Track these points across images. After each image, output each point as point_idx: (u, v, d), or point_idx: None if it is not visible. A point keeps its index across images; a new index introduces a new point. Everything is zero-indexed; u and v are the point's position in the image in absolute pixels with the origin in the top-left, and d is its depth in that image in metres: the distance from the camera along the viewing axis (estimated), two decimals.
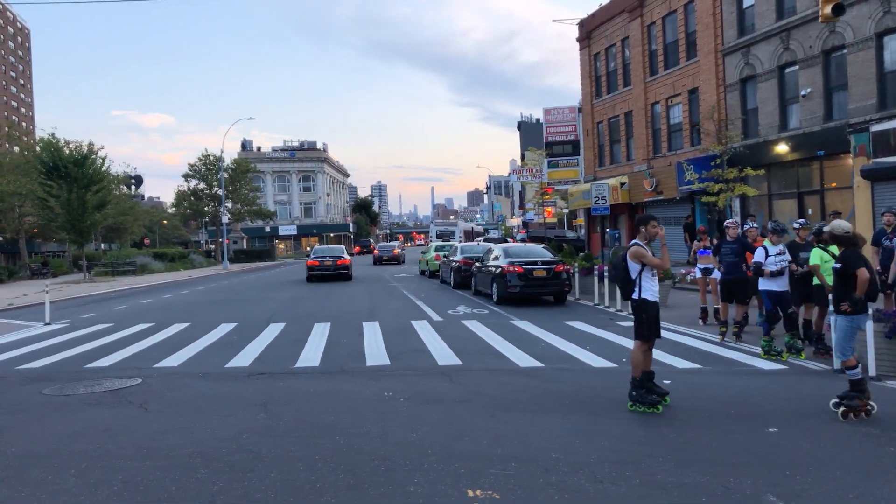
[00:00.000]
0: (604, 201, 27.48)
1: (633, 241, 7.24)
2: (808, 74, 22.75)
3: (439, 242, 36.39)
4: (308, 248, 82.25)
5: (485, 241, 35.34)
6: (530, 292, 16.84)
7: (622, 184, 32.01)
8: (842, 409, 6.48)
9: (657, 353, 9.94)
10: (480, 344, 11.47)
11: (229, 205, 56.03)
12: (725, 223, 11.54)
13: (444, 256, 26.18)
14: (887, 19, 19.87)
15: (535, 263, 16.81)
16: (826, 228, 6.87)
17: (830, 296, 8.80)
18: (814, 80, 22.55)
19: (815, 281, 9.66)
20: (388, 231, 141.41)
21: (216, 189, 56.04)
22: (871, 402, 6.47)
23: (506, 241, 29.74)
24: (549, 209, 50.58)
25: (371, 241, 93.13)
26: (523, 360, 9.93)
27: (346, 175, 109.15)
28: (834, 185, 22.19)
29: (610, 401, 7.30)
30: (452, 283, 23.22)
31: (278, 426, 6.69)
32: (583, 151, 37.92)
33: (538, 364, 9.60)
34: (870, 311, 6.74)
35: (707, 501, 4.44)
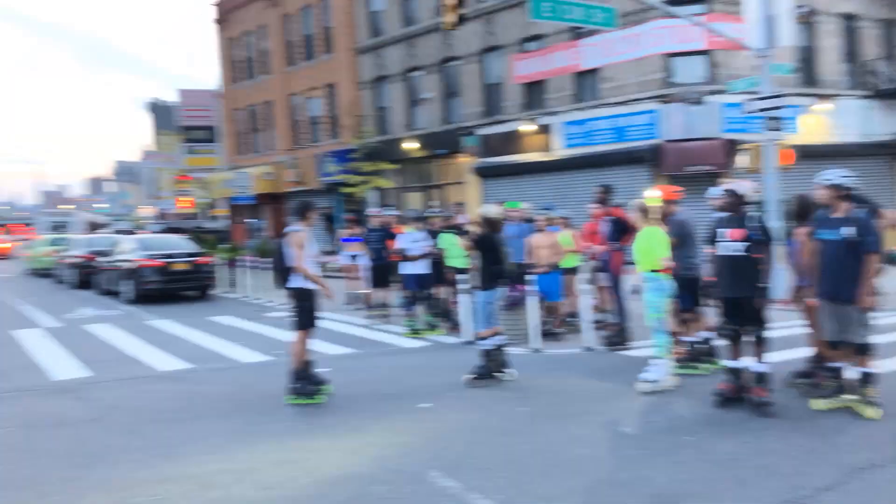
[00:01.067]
0: (246, 190, 26.68)
1: (293, 227, 6.98)
2: (430, 80, 25.36)
3: (53, 235, 31.04)
4: None
5: (116, 232, 31.25)
6: (171, 288, 15.37)
7: (265, 173, 31.54)
8: (470, 375, 7.20)
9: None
10: (113, 350, 9.97)
11: None
12: (368, 212, 12.06)
13: (60, 251, 22.37)
14: (490, 38, 23.22)
15: (174, 256, 15.39)
16: (479, 211, 7.59)
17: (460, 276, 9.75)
18: (434, 85, 25.23)
19: (448, 263, 10.67)
20: None
21: None
22: (509, 371, 7.32)
23: (133, 233, 26.76)
24: (187, 198, 47.29)
25: None
26: (167, 363, 8.90)
27: None
28: (452, 180, 25.19)
29: (269, 397, 6.94)
30: (73, 282, 19.97)
31: None
32: (223, 138, 36.29)
33: (186, 366, 8.71)
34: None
35: (377, 490, 4.43)
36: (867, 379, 5.78)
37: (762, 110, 13.44)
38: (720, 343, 6.61)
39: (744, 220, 6.07)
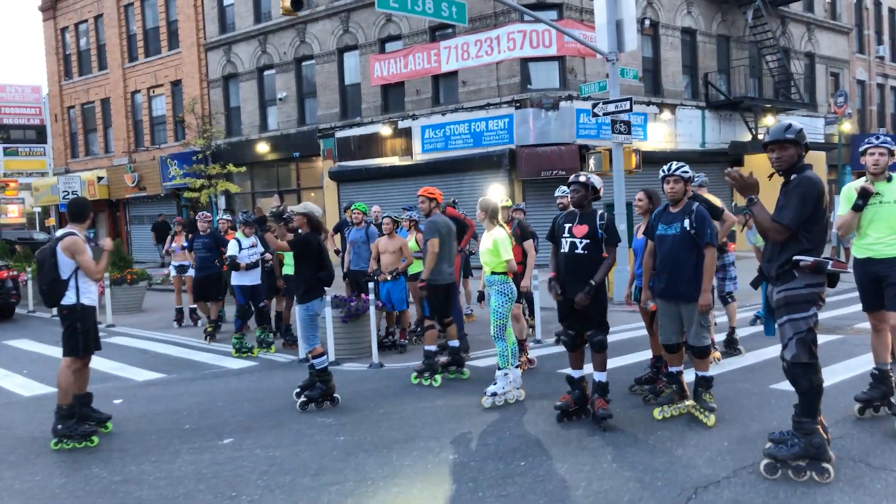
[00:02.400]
0: (75, 196, 23.91)
1: (68, 231, 5.73)
2: (284, 79, 24.00)
3: None
4: None
5: None
6: None
7: (99, 178, 28.62)
8: (301, 399, 6.29)
9: (116, 368, 8.53)
10: None
11: None
12: (196, 216, 10.76)
13: None
14: (346, 38, 22.29)
15: None
16: (297, 209, 6.60)
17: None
18: (289, 85, 23.89)
19: (285, 272, 9.64)
20: None
21: None
22: (336, 395, 6.42)
23: None
24: (15, 207, 42.18)
25: None
26: None
27: None
28: (309, 184, 23.95)
29: (32, 442, 5.61)
30: None
31: None
32: (52, 139, 32.61)
33: None
34: (327, 298, 6.78)
35: None
36: (705, 383, 5.47)
37: (609, 114, 13.57)
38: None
39: (592, 216, 5.59)
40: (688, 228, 5.27)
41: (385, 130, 21.18)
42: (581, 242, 5.53)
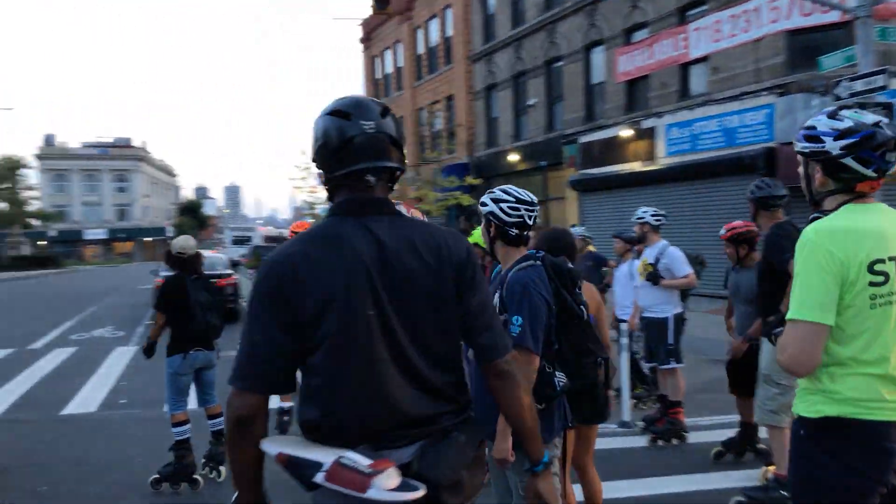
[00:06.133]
0: None
1: None
2: (535, 84, 22.87)
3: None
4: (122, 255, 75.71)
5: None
6: None
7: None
8: (154, 476, 5.26)
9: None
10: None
11: None
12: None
13: None
14: (592, 32, 20.19)
15: None
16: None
17: None
18: (539, 90, 22.68)
19: None
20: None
21: None
22: (197, 476, 5.26)
23: None
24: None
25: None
26: None
27: (173, 175, 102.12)
28: (554, 195, 22.38)
29: None
30: None
31: None
32: None
33: None
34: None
35: None
36: None
37: (856, 94, 9.46)
38: None
39: None
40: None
41: (626, 132, 18.55)
42: None
